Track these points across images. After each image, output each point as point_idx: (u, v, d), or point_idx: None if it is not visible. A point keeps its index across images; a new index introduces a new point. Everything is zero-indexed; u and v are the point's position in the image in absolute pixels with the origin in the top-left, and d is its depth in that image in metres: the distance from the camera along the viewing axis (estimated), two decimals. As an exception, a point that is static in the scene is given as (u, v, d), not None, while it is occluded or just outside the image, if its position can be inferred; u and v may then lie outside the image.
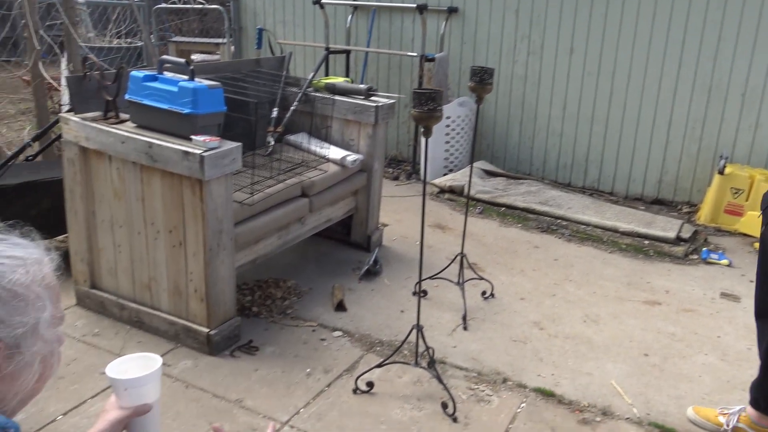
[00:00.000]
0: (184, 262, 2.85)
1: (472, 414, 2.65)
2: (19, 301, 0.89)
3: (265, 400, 2.66)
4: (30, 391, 0.96)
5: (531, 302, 3.57)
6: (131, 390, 1.31)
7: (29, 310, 0.90)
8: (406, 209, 4.80)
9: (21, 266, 0.90)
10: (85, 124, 2.87)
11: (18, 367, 0.91)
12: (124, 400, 1.31)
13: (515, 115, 5.45)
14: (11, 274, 0.89)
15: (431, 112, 2.27)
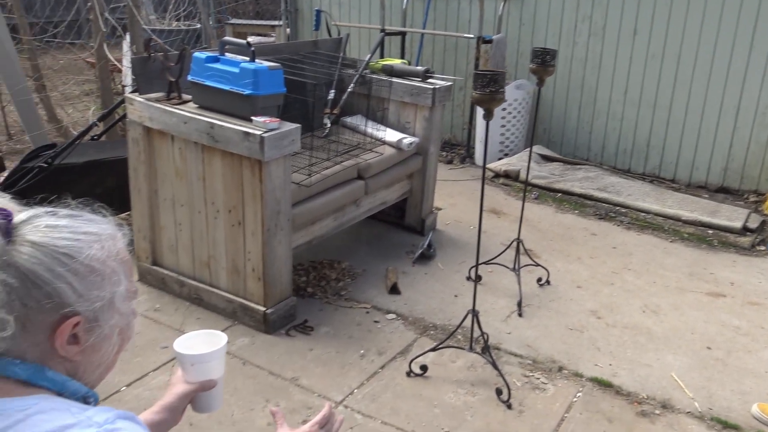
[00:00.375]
0: (243, 242, 2.89)
1: (527, 401, 2.63)
2: (96, 275, 0.90)
3: (319, 379, 2.70)
4: (109, 363, 0.98)
5: (588, 290, 3.50)
6: (197, 365, 1.34)
7: (106, 284, 0.92)
8: (460, 193, 4.76)
9: (96, 242, 0.92)
10: (149, 104, 2.93)
11: (98, 339, 0.93)
12: (190, 375, 1.34)
13: (574, 99, 5.32)
14: (88, 249, 0.90)
15: (493, 95, 2.23)
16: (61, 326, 0.88)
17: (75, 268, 0.88)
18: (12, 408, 0.82)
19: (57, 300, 0.86)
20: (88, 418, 0.84)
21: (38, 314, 0.86)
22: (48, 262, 0.86)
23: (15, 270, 0.84)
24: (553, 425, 2.50)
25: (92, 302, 0.90)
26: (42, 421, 0.81)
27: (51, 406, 0.84)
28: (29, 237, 0.87)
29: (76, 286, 0.88)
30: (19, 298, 0.84)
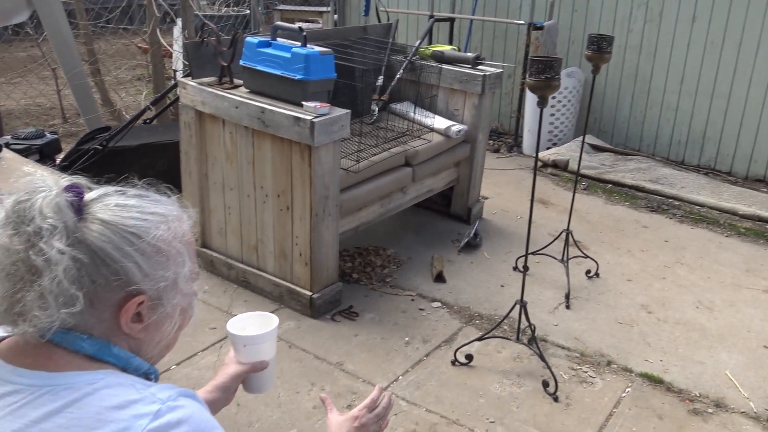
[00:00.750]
0: (291, 226, 2.91)
1: (574, 395, 2.58)
2: (162, 256, 0.92)
3: (364, 365, 2.70)
4: (170, 340, 1.00)
5: (638, 284, 3.42)
6: (250, 347, 1.35)
7: (171, 265, 0.93)
8: (507, 182, 4.70)
9: (163, 222, 0.93)
10: (201, 88, 2.96)
11: (161, 318, 0.95)
12: (243, 356, 1.35)
13: (627, 88, 5.18)
14: (155, 230, 0.91)
15: (548, 81, 2.18)
16: (127, 304, 0.89)
17: (142, 247, 0.89)
18: (80, 381, 0.84)
19: (124, 278, 0.88)
20: (152, 394, 0.85)
21: (105, 291, 0.87)
22: (117, 241, 0.87)
23: (85, 247, 0.86)
24: (601, 420, 2.46)
25: (157, 282, 0.91)
26: (108, 395, 0.83)
27: (117, 381, 0.86)
28: (99, 215, 0.88)
29: (142, 266, 0.89)
30: (89, 274, 0.86)
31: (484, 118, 3.76)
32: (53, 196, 0.86)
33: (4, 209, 0.86)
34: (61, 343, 0.87)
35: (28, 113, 5.94)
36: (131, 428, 0.80)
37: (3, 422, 0.82)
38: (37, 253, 0.83)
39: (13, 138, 3.69)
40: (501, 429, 2.39)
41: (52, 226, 0.84)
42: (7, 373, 0.86)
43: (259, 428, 2.32)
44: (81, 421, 0.80)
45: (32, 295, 0.83)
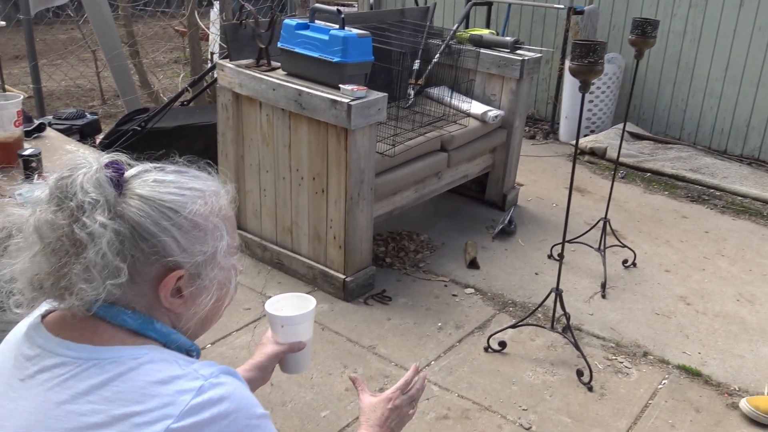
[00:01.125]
0: (326, 209, 2.92)
1: (609, 385, 2.55)
2: (199, 231, 0.92)
3: (396, 349, 2.71)
4: (208, 316, 1.00)
5: (677, 275, 3.35)
6: (287, 327, 1.35)
7: (208, 239, 0.93)
8: (543, 170, 4.64)
9: (200, 197, 0.93)
10: (239, 70, 2.98)
11: (199, 293, 0.95)
12: (280, 336, 1.36)
13: (668, 75, 5.05)
14: (192, 205, 0.92)
15: (592, 66, 2.13)
16: (165, 278, 0.90)
17: (179, 222, 0.89)
18: (125, 356, 0.85)
19: (162, 253, 0.88)
20: (195, 370, 0.86)
21: (144, 266, 0.88)
22: (154, 216, 0.88)
23: (125, 221, 0.87)
24: (636, 411, 2.43)
25: (194, 256, 0.91)
26: (152, 370, 0.84)
27: (161, 357, 0.87)
28: (138, 191, 0.89)
29: (179, 240, 0.89)
30: (130, 248, 0.87)
31: (521, 104, 3.71)
32: (93, 172, 0.87)
33: (48, 186, 0.88)
34: (106, 317, 0.88)
35: (68, 94, 6.05)
36: (174, 403, 0.80)
37: (50, 393, 0.83)
38: (81, 227, 0.84)
39: (54, 118, 3.76)
40: (534, 417, 2.37)
41: (93, 200, 0.85)
42: (55, 346, 0.87)
43: (292, 408, 2.35)
44: (125, 395, 0.81)
45: (78, 268, 0.85)
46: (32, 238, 0.87)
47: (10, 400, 0.86)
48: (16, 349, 0.90)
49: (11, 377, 0.88)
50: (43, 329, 0.90)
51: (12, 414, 0.84)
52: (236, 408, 0.84)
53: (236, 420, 0.83)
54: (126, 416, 0.79)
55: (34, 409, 0.83)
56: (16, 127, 2.11)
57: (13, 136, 2.11)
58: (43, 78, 4.82)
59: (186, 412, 0.80)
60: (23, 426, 0.83)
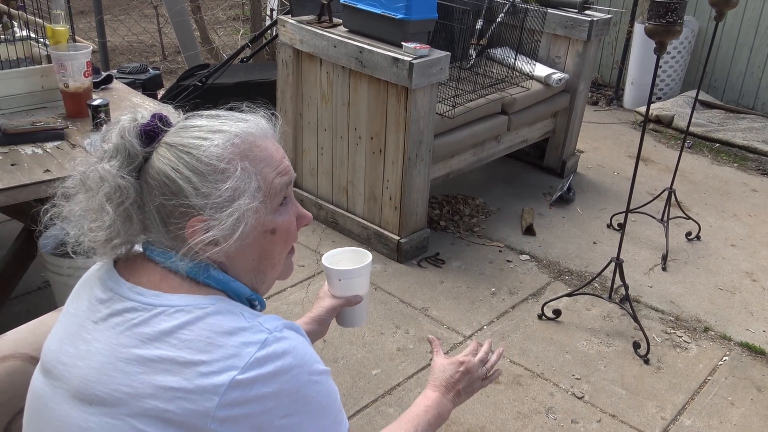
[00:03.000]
0: (382, 170, 2.90)
1: (666, 359, 2.49)
2: (218, 173, 0.88)
3: (449, 312, 2.70)
4: (261, 267, 0.96)
5: (743, 250, 3.22)
6: (344, 281, 1.36)
7: (230, 182, 0.88)
8: (605, 137, 4.49)
9: (222, 139, 0.90)
10: (300, 26, 2.95)
11: (229, 235, 0.89)
12: (337, 290, 1.36)
13: (745, 40, 4.78)
14: (213, 148, 0.89)
15: (670, 26, 2.02)
16: (189, 224, 0.88)
17: (194, 165, 0.88)
18: (192, 304, 0.86)
19: (183, 199, 0.87)
20: (260, 323, 0.86)
21: (172, 214, 0.89)
22: (173, 161, 0.88)
23: (155, 170, 0.89)
24: (694, 387, 2.37)
25: (215, 200, 0.87)
26: (219, 321, 0.84)
27: (227, 309, 0.87)
28: (166, 139, 0.91)
29: (196, 184, 0.87)
30: (161, 195, 0.89)
31: (587, 67, 3.58)
32: (128, 123, 0.91)
33: (108, 142, 0.92)
34: (166, 264, 0.90)
35: (131, 49, 6.16)
36: (239, 355, 0.81)
37: (121, 337, 0.86)
38: (123, 176, 0.88)
39: (118, 72, 3.84)
40: (587, 386, 2.34)
41: (130, 150, 0.89)
42: (126, 290, 0.89)
43: (344, 365, 2.38)
44: (192, 344, 0.82)
45: (125, 213, 0.89)
46: (93, 185, 0.90)
47: (84, 341, 0.88)
48: (90, 291, 0.93)
49: (86, 319, 0.90)
50: (115, 273, 0.92)
51: (86, 354, 0.87)
52: (299, 363, 0.84)
53: (298, 375, 0.83)
54: (192, 364, 0.80)
55: (106, 351, 0.85)
56: (86, 77, 2.16)
57: (83, 86, 2.15)
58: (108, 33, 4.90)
59: (251, 365, 0.81)
60: (95, 367, 0.85)
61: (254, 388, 0.80)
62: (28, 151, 1.97)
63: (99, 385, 0.84)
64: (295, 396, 0.83)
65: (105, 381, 0.84)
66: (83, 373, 0.86)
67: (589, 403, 2.27)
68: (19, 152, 1.96)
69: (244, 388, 0.80)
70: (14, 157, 1.93)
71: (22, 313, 2.52)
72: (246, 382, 0.80)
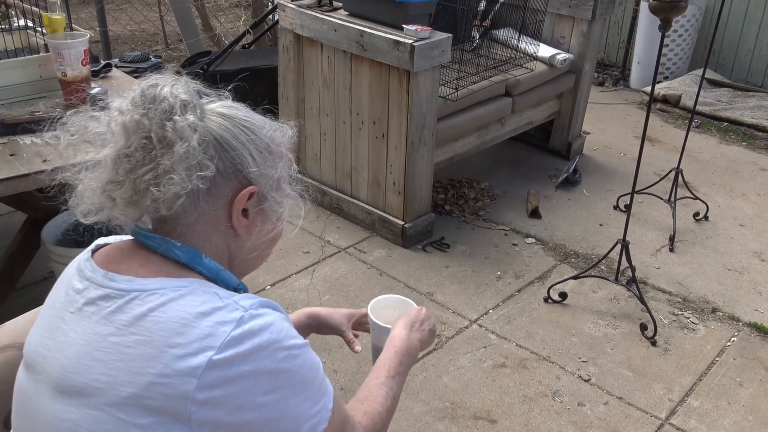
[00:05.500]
0: (385, 154, 2.88)
1: (674, 340, 2.47)
2: (270, 154, 0.95)
3: (454, 296, 2.69)
4: (262, 250, 1.00)
5: (752, 230, 3.19)
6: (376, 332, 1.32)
7: (277, 164, 0.96)
8: (611, 118, 4.45)
9: (271, 124, 0.98)
10: (300, 11, 2.92)
11: (263, 215, 0.97)
12: (373, 337, 1.34)
13: (753, 17, 4.70)
14: (268, 130, 0.96)
15: (674, 2, 1.98)
16: (240, 193, 0.91)
17: (256, 140, 0.93)
18: (167, 287, 0.85)
19: (239, 167, 0.91)
20: (235, 302, 0.85)
21: (223, 178, 0.90)
22: (234, 132, 0.91)
23: (210, 134, 0.90)
24: (702, 368, 2.35)
25: (266, 178, 0.94)
26: (192, 302, 0.84)
27: (202, 289, 0.86)
28: (218, 110, 0.93)
29: (256, 158, 0.92)
30: (213, 156, 0.89)
31: (592, 47, 3.53)
32: (183, 83, 0.91)
33: (132, 94, 0.90)
34: (158, 248, 0.90)
35: (133, 38, 6.13)
36: (214, 335, 0.80)
37: (97, 326, 0.85)
38: (172, 125, 0.86)
39: (120, 61, 3.82)
40: (593, 369, 2.33)
41: (185, 101, 0.88)
42: (101, 278, 0.89)
43: (348, 351, 2.35)
44: (166, 326, 0.81)
45: (164, 166, 0.86)
46: (119, 134, 0.88)
47: (63, 333, 0.88)
48: (68, 282, 0.93)
49: (63, 310, 0.90)
50: (92, 262, 0.92)
51: (63, 346, 0.87)
52: (275, 339, 0.83)
53: (276, 351, 0.83)
54: (167, 347, 0.80)
55: (84, 341, 0.85)
56: (84, 66, 2.14)
57: (80, 75, 2.14)
58: (109, 21, 4.88)
59: (227, 344, 0.80)
60: (72, 357, 0.85)
61: (232, 367, 0.79)
62: (27, 141, 1.97)
63: (77, 375, 0.83)
64: (275, 372, 0.83)
65: (82, 371, 0.83)
66: (62, 364, 0.85)
67: (596, 385, 2.26)
68: (17, 142, 1.96)
69: (221, 368, 0.79)
70: (13, 147, 1.93)
71: (27, 303, 2.51)
72: (223, 361, 0.79)
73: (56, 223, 2.24)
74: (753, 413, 2.17)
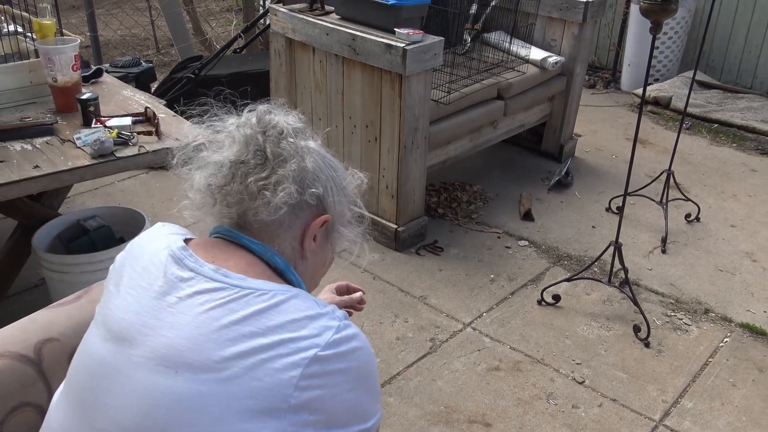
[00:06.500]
0: (378, 158, 2.88)
1: (667, 342, 2.48)
2: (344, 195, 1.08)
3: (448, 300, 2.69)
4: (319, 275, 1.13)
5: (743, 230, 3.21)
6: None
7: (345, 204, 1.09)
8: (603, 120, 4.46)
9: (348, 170, 1.11)
10: (292, 15, 2.92)
11: (328, 241, 1.08)
12: None
13: (743, 18, 4.74)
14: (343, 171, 1.09)
15: (665, 4, 1.99)
16: (316, 220, 1.02)
17: (335, 178, 1.05)
18: (276, 290, 0.94)
19: (320, 198, 1.02)
20: (332, 311, 0.96)
21: (305, 204, 1.01)
22: (322, 166, 1.03)
23: (308, 158, 1.01)
24: (695, 369, 2.36)
25: (338, 212, 1.06)
26: (301, 306, 0.93)
27: (304, 296, 0.96)
28: (309, 144, 1.04)
29: (334, 192, 1.04)
30: (318, 181, 1.01)
31: (583, 50, 3.55)
32: (294, 115, 1.05)
33: (248, 115, 1.03)
34: (263, 254, 1.00)
35: (124, 43, 6.11)
36: (321, 335, 0.91)
37: (213, 312, 0.91)
38: (286, 144, 0.99)
39: (111, 66, 3.80)
40: (587, 371, 2.33)
41: (298, 128, 1.02)
42: (210, 272, 0.95)
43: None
44: (282, 323, 0.91)
45: (280, 174, 0.97)
46: (240, 142, 1.00)
47: (170, 314, 0.93)
48: (163, 268, 0.97)
49: (165, 294, 0.95)
50: (192, 254, 0.98)
51: (174, 326, 0.91)
52: (362, 346, 0.96)
53: (362, 355, 0.95)
54: (283, 341, 0.89)
55: (198, 324, 0.90)
56: (74, 71, 2.13)
57: (71, 80, 2.13)
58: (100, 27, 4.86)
59: (329, 344, 0.91)
60: (186, 336, 0.90)
61: (330, 364, 0.90)
62: (17, 147, 1.95)
63: (188, 352, 0.89)
64: (359, 373, 0.95)
65: (196, 349, 0.89)
66: (171, 341, 0.90)
67: (590, 387, 2.27)
68: (8, 148, 1.94)
69: (323, 363, 0.89)
70: (3, 153, 1.91)
71: (18, 311, 2.49)
72: (325, 358, 0.90)
73: (47, 229, 2.23)
74: (746, 414, 2.18)
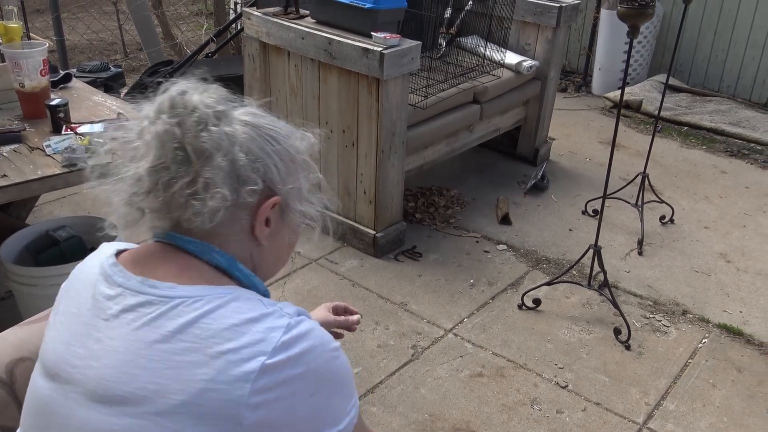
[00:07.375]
0: (355, 163, 2.85)
1: (647, 344, 2.49)
2: (293, 163, 0.93)
3: (428, 306, 2.66)
4: (283, 257, 1.01)
5: (716, 232, 3.25)
6: None
7: (299, 174, 0.94)
8: (575, 123, 4.50)
9: (295, 133, 0.96)
10: (266, 18, 2.87)
11: (285, 224, 0.96)
12: None
13: (709, 23, 4.83)
14: (290, 137, 0.94)
15: (642, 9, 2.00)
16: (264, 203, 0.91)
17: (280, 150, 0.92)
18: (210, 294, 0.84)
19: (264, 177, 0.90)
20: (280, 308, 0.86)
21: (247, 189, 0.89)
22: (259, 141, 0.90)
23: (244, 144, 0.88)
24: (676, 370, 2.37)
25: (289, 188, 0.93)
26: (240, 308, 0.84)
27: (245, 296, 0.86)
28: (243, 117, 0.91)
29: (280, 168, 0.91)
30: (257, 171, 0.89)
31: (557, 54, 3.56)
32: (213, 90, 0.90)
33: (159, 102, 0.88)
34: (197, 253, 0.89)
35: (91, 48, 5.98)
36: (266, 340, 0.81)
37: (140, 333, 0.82)
38: (208, 135, 0.85)
39: (78, 71, 3.71)
40: (570, 375, 2.33)
41: (220, 111, 0.88)
42: (138, 284, 0.86)
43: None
44: (217, 333, 0.81)
45: (206, 177, 0.85)
46: (151, 143, 0.86)
47: (96, 341, 0.84)
48: (92, 288, 0.89)
49: (93, 317, 0.86)
50: (121, 267, 0.89)
51: (100, 354, 0.83)
52: (319, 343, 0.86)
53: (321, 353, 0.86)
54: (220, 354, 0.79)
55: (125, 348, 0.82)
56: (43, 76, 2.06)
57: (39, 85, 2.05)
58: (66, 31, 4.74)
59: (277, 349, 0.81)
60: (114, 365, 0.82)
61: (283, 371, 0.81)
62: (-17, 156, 1.88)
63: (120, 384, 0.81)
64: (320, 373, 0.85)
65: (126, 380, 0.81)
66: (100, 373, 0.82)
67: (573, 392, 2.26)
68: (-27, 157, 1.86)
69: (273, 372, 0.80)
70: (-31, 162, 1.84)
71: (-16, 325, 2.41)
72: (275, 366, 0.80)
73: (15, 240, 2.15)
74: (727, 414, 2.19)
